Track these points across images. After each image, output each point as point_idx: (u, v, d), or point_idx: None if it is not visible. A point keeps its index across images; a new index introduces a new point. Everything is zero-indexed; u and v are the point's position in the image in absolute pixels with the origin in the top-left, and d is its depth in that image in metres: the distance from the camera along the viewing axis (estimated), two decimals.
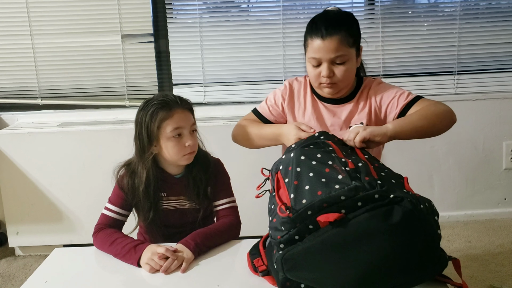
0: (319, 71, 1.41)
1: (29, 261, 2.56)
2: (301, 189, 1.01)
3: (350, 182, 0.97)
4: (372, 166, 1.07)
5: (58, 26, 2.66)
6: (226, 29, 2.72)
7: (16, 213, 2.57)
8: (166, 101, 1.36)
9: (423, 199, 1.00)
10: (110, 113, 2.72)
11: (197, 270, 1.23)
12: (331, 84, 1.42)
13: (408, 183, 1.06)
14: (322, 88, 1.46)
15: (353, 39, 1.43)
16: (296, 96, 1.55)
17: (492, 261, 2.32)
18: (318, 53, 1.39)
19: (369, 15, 2.75)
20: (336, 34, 1.37)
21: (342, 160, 1.06)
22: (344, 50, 1.39)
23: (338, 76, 1.41)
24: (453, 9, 2.75)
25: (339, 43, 1.37)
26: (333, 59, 1.39)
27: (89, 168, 2.51)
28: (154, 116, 1.35)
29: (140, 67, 2.72)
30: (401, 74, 2.78)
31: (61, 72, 2.71)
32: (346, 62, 1.41)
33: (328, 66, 1.39)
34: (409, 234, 0.95)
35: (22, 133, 2.50)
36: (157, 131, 1.35)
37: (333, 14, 1.45)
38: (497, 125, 2.79)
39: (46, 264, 1.31)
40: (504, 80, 2.78)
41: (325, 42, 1.37)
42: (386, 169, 1.11)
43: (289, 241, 0.99)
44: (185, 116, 1.38)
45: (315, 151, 1.12)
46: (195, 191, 1.44)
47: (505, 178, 2.85)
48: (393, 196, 0.95)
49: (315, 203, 0.96)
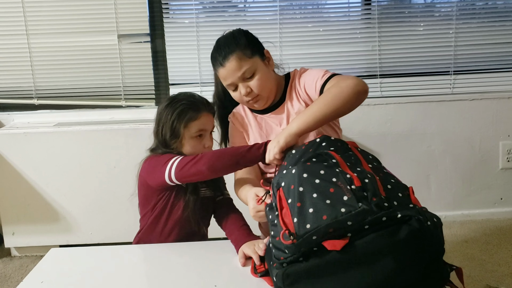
0: (239, 92, 1.45)
1: (25, 262, 2.55)
2: (305, 212, 0.98)
3: (357, 204, 0.93)
4: (378, 177, 1.03)
5: (54, 26, 2.65)
6: (223, 29, 2.68)
7: (12, 214, 2.55)
8: (195, 102, 1.43)
9: (430, 214, 0.98)
10: (106, 113, 2.72)
11: (194, 269, 1.23)
12: (255, 97, 1.45)
13: (414, 193, 1.05)
14: (251, 105, 1.49)
15: (250, 49, 1.44)
16: (241, 123, 1.56)
17: (488, 260, 2.33)
18: (228, 79, 1.43)
19: (365, 15, 2.75)
20: (230, 55, 1.41)
21: (347, 176, 1.00)
22: (246, 64, 1.42)
23: (255, 88, 1.43)
24: (450, 9, 2.75)
25: (238, 61, 1.41)
26: (242, 77, 1.42)
27: (85, 168, 2.51)
28: (183, 115, 1.40)
29: (137, 67, 2.72)
30: (398, 74, 2.79)
31: (57, 72, 2.71)
32: (255, 72, 1.43)
33: (243, 85, 1.43)
34: (414, 251, 0.93)
35: (18, 133, 2.49)
36: (183, 129, 1.40)
37: (222, 40, 1.49)
38: (493, 125, 2.79)
39: (42, 265, 1.30)
40: (500, 80, 2.80)
41: (226, 67, 1.41)
42: (391, 179, 1.07)
43: (293, 261, 0.98)
44: (209, 119, 1.46)
45: (318, 166, 1.06)
46: (213, 182, 1.50)
47: (501, 178, 2.85)
48: (401, 216, 0.93)
49: (321, 229, 0.94)
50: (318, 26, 2.74)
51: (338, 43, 2.74)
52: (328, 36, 2.73)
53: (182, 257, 1.29)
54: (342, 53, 2.74)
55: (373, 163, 1.14)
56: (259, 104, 1.48)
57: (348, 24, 2.76)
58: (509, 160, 2.82)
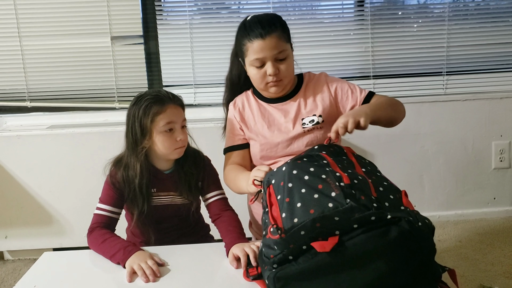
0: (264, 71, 1.43)
1: (18, 265, 2.54)
2: (293, 206, 0.99)
3: (344, 201, 0.94)
4: (370, 180, 1.04)
5: (47, 28, 2.64)
6: (216, 30, 2.72)
7: (5, 217, 2.54)
8: (159, 96, 1.40)
9: (422, 217, 0.98)
10: (100, 115, 2.71)
11: (186, 272, 1.22)
12: (277, 81, 1.45)
13: (407, 196, 1.05)
14: (268, 88, 1.48)
15: (287, 35, 1.47)
16: (242, 109, 1.56)
17: (482, 260, 2.34)
18: (261, 52, 1.41)
19: (358, 17, 2.76)
20: (274, 31, 1.41)
21: (336, 174, 1.01)
22: (283, 45, 1.43)
23: (283, 72, 1.44)
24: (442, 10, 2.77)
25: (279, 39, 1.42)
26: (276, 56, 1.42)
27: (79, 170, 2.50)
28: (148, 110, 1.38)
29: (130, 69, 2.71)
30: (391, 75, 2.80)
31: (50, 74, 2.69)
32: (287, 57, 1.45)
33: (273, 64, 1.42)
34: (405, 252, 0.94)
35: (11, 136, 2.48)
36: (150, 125, 1.38)
37: (263, 16, 1.48)
38: (486, 125, 2.81)
39: (35, 268, 1.29)
40: (492, 81, 2.81)
41: (266, 41, 1.40)
42: (384, 182, 1.08)
43: (283, 261, 0.98)
44: (177, 111, 1.42)
45: (308, 164, 1.07)
46: (187, 186, 1.47)
47: (494, 177, 2.87)
48: (390, 218, 0.93)
49: (307, 223, 0.94)
50: (312, 27, 2.74)
51: (332, 44, 2.74)
52: (321, 38, 2.74)
53: (176, 260, 1.29)
54: (336, 54, 2.75)
55: (367, 167, 1.14)
56: (276, 89, 1.47)
57: (341, 25, 2.76)
58: (501, 160, 2.84)
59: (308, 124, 1.47)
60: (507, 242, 2.53)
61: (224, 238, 1.36)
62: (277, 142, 1.48)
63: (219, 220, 1.46)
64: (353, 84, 1.54)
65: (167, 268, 1.25)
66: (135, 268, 1.21)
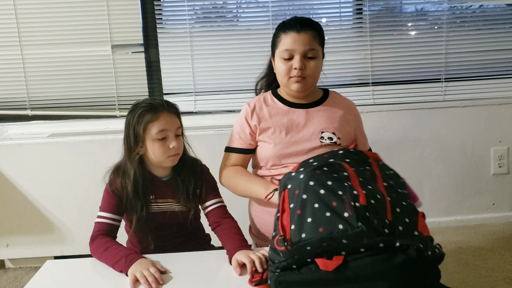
0: (290, 64, 1.46)
1: (19, 274, 2.53)
2: (303, 220, 0.98)
3: (356, 223, 0.92)
4: (389, 198, 1.01)
5: (48, 37, 2.66)
6: (216, 38, 2.73)
7: (6, 225, 2.54)
8: (153, 104, 1.42)
9: (433, 245, 0.97)
10: (100, 123, 2.72)
11: (188, 279, 1.23)
12: (301, 78, 1.46)
13: (425, 217, 1.03)
14: (290, 83, 1.49)
15: (322, 40, 1.51)
16: (260, 111, 1.56)
17: (482, 266, 2.34)
18: (293, 45, 1.44)
19: (357, 24, 2.78)
20: (310, 30, 1.46)
21: (354, 192, 0.98)
22: (316, 45, 1.47)
23: (309, 69, 1.46)
24: (440, 17, 2.79)
25: (313, 38, 1.46)
26: (306, 52, 1.45)
27: (79, 178, 2.50)
28: (141, 118, 1.41)
29: (131, 77, 2.72)
30: (390, 82, 2.82)
31: (51, 82, 2.71)
32: (317, 58, 1.47)
33: (301, 58, 1.45)
34: (409, 277, 0.93)
35: (12, 144, 2.49)
36: (143, 132, 1.41)
37: (302, 17, 1.52)
38: (485, 131, 2.82)
39: (39, 277, 1.30)
40: (491, 87, 2.83)
41: (301, 35, 1.44)
42: (403, 201, 1.04)
43: (286, 268, 0.99)
44: (170, 119, 1.43)
45: (327, 176, 1.03)
46: (185, 193, 1.48)
47: (493, 183, 2.88)
48: (399, 245, 0.93)
49: (314, 241, 0.94)
50: None
51: (331, 51, 2.76)
52: None
53: (178, 267, 1.29)
54: (335, 61, 2.77)
55: (389, 181, 1.10)
56: (299, 86, 1.48)
57: (340, 33, 2.78)
58: (500, 166, 2.85)
59: (326, 139, 1.48)
60: (507, 248, 2.53)
61: (226, 245, 1.36)
62: (291, 151, 1.49)
63: (219, 228, 1.46)
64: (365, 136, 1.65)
65: (169, 276, 1.25)
66: (138, 275, 1.21)
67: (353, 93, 2.75)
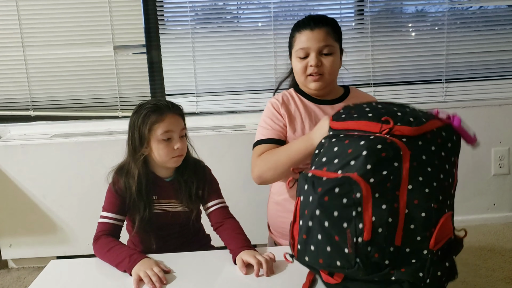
0: (306, 62, 1.45)
1: (22, 274, 2.55)
2: (308, 246, 1.00)
3: (354, 260, 0.92)
4: (407, 209, 0.94)
5: (50, 38, 2.67)
6: (218, 39, 2.75)
7: (9, 225, 2.56)
8: (158, 105, 1.43)
9: (437, 268, 0.95)
10: (102, 124, 2.73)
11: (192, 279, 1.24)
12: (318, 75, 1.46)
13: (452, 217, 0.99)
14: (308, 82, 1.48)
15: (338, 35, 1.50)
16: (289, 104, 1.54)
17: (482, 266, 2.35)
18: (307, 42, 1.44)
19: (358, 25, 2.80)
20: (324, 26, 1.45)
21: (359, 226, 0.92)
22: (331, 41, 1.46)
23: (326, 66, 1.45)
24: (441, 18, 2.80)
25: (327, 34, 1.45)
26: (321, 49, 1.44)
27: (82, 179, 2.52)
28: (146, 119, 1.41)
29: (133, 77, 2.74)
30: (391, 83, 2.83)
31: (53, 83, 2.72)
32: (333, 54, 1.46)
33: (316, 56, 1.44)
34: None
35: (15, 145, 2.50)
36: (148, 133, 1.41)
37: (317, 14, 1.52)
38: (485, 132, 2.83)
39: (43, 277, 1.30)
40: (491, 88, 2.84)
41: (314, 33, 1.44)
42: (423, 212, 0.95)
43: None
44: (175, 120, 1.44)
45: (334, 205, 0.95)
46: (187, 194, 1.48)
47: (494, 184, 2.89)
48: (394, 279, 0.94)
49: (315, 266, 1.01)
50: None
51: None
52: None
53: (181, 267, 1.30)
54: None
55: (419, 178, 0.96)
56: (316, 85, 1.48)
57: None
58: (501, 166, 2.86)
59: None
60: (507, 248, 2.54)
61: (229, 244, 1.37)
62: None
63: (221, 228, 1.47)
64: None
65: (173, 275, 1.26)
66: (142, 275, 1.22)
67: None
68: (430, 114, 1.04)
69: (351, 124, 1.05)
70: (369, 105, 1.09)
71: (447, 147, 1.03)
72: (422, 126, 0.99)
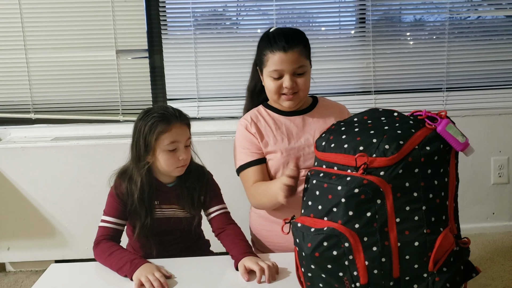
0: (280, 83, 1.46)
1: (20, 277, 2.53)
2: None
3: None
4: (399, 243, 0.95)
5: (52, 41, 2.67)
6: (220, 44, 2.75)
7: (8, 228, 2.55)
8: (165, 114, 1.41)
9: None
10: (104, 127, 2.72)
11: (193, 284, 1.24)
12: (293, 95, 1.47)
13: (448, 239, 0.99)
14: (282, 101, 1.49)
15: (308, 51, 1.51)
16: (258, 122, 1.55)
17: (482, 275, 2.35)
18: (281, 65, 1.44)
19: (360, 33, 2.81)
20: (296, 46, 1.45)
21: (354, 273, 0.95)
22: (303, 61, 1.46)
23: (300, 85, 1.46)
24: (441, 27, 2.81)
25: (300, 55, 1.45)
26: (295, 70, 1.45)
27: (82, 183, 2.51)
28: (153, 128, 1.39)
29: (135, 82, 2.74)
30: (392, 91, 2.83)
31: (54, 86, 2.72)
32: (305, 73, 1.47)
33: (290, 77, 1.45)
34: None
35: (15, 148, 2.50)
36: (155, 142, 1.39)
37: (287, 30, 1.52)
38: (485, 141, 2.84)
39: (43, 281, 1.30)
40: (491, 97, 2.85)
41: (288, 55, 1.43)
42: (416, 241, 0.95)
43: None
44: (182, 130, 1.43)
45: (327, 258, 0.96)
46: (189, 200, 1.48)
47: (493, 193, 2.89)
48: None
49: None
50: (314, 43, 2.74)
51: (333, 60, 2.78)
52: (323, 53, 2.78)
53: (182, 272, 1.30)
54: (337, 69, 2.79)
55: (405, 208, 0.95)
56: (291, 103, 1.49)
57: (343, 41, 2.81)
58: (500, 176, 2.87)
59: None
60: (506, 257, 2.54)
61: (231, 250, 1.37)
62: (298, 157, 1.48)
63: (223, 234, 1.46)
64: None
65: (174, 281, 1.26)
66: (143, 280, 1.22)
67: (355, 102, 2.77)
68: (418, 123, 1.03)
69: (328, 156, 1.04)
70: (349, 127, 1.07)
71: (433, 162, 0.98)
72: (400, 151, 0.94)
